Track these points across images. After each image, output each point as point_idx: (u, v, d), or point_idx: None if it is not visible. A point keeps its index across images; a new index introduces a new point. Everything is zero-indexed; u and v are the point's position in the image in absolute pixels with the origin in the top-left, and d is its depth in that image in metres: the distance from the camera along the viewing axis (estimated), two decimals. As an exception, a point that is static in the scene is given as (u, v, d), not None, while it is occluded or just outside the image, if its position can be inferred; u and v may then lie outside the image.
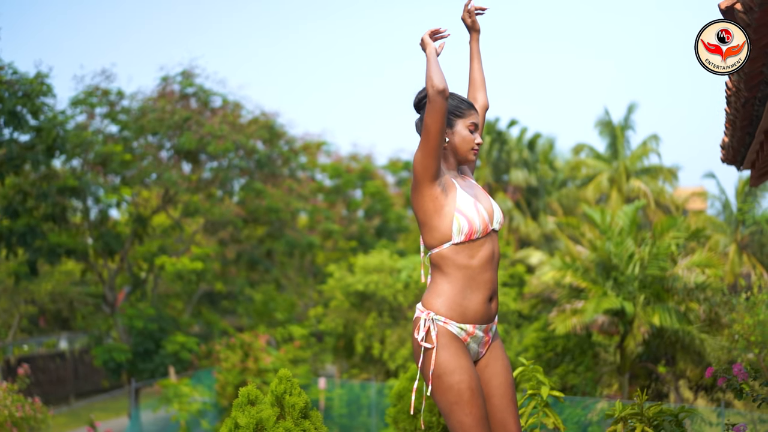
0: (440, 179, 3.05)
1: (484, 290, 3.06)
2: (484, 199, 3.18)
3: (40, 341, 27.13)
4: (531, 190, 26.38)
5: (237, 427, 3.59)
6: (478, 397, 2.99)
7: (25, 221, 14.04)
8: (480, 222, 3.04)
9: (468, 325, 3.04)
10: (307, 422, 3.64)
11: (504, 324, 15.92)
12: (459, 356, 3.01)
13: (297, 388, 3.74)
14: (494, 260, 3.11)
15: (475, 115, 3.22)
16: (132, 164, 15.34)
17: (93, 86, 15.41)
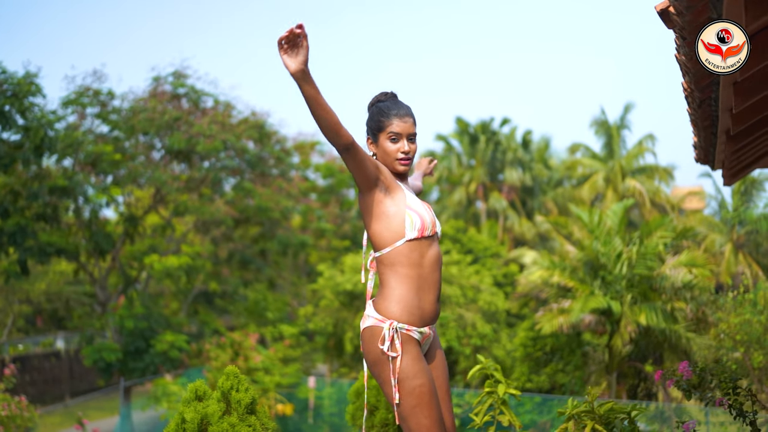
0: (380, 185, 3.10)
1: (435, 290, 3.13)
2: (426, 205, 3.28)
3: (37, 341, 27.18)
4: (526, 190, 26.42)
5: (184, 422, 3.65)
6: (435, 399, 3.08)
7: (15, 220, 14.12)
8: (429, 219, 3.13)
9: (425, 327, 3.13)
10: (253, 418, 3.69)
11: (493, 324, 15.97)
12: (419, 360, 3.07)
13: (244, 384, 3.79)
14: (439, 263, 3.19)
15: (396, 123, 3.18)
16: (122, 164, 15.42)
17: (84, 87, 15.48)
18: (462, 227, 21.72)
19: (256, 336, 15.67)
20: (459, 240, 20.60)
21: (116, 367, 15.52)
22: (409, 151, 3.19)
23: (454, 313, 15.55)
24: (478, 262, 20.14)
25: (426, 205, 3.26)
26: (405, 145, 3.18)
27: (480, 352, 15.49)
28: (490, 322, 16.02)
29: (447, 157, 26.77)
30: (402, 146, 3.18)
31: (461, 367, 15.48)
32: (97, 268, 16.53)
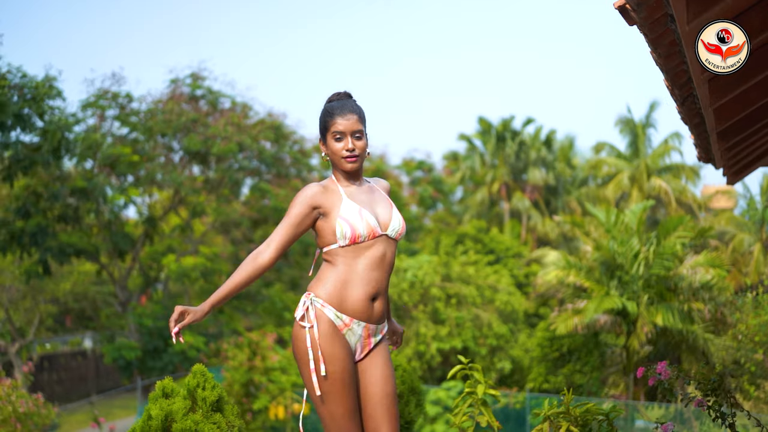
0: (320, 215, 3.20)
1: (368, 287, 3.16)
2: (380, 208, 3.27)
3: (65, 340, 27.60)
4: (549, 189, 26.25)
5: (150, 418, 3.70)
6: (350, 388, 3.12)
7: (36, 221, 14.37)
8: (364, 227, 3.15)
9: (345, 315, 3.15)
10: (218, 416, 3.72)
11: (510, 324, 15.91)
12: (334, 345, 3.12)
13: (211, 382, 3.83)
14: (384, 262, 3.21)
15: (339, 121, 3.22)
16: (139, 165, 15.62)
17: (103, 89, 15.71)
18: (484, 227, 21.65)
19: (273, 336, 15.75)
20: (481, 240, 20.53)
21: (135, 365, 15.72)
22: (353, 148, 3.21)
23: (470, 313, 15.52)
24: (500, 262, 20.06)
25: (377, 206, 3.26)
26: (349, 143, 3.21)
27: (496, 352, 15.45)
28: (507, 322, 15.95)
29: (470, 156, 26.68)
30: (346, 144, 3.21)
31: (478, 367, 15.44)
32: (117, 268, 16.76)
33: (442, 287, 15.78)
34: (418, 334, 15.29)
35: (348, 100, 3.33)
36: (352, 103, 3.31)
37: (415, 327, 15.38)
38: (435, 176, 23.30)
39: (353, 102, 3.33)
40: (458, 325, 15.41)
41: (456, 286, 15.79)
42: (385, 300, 3.24)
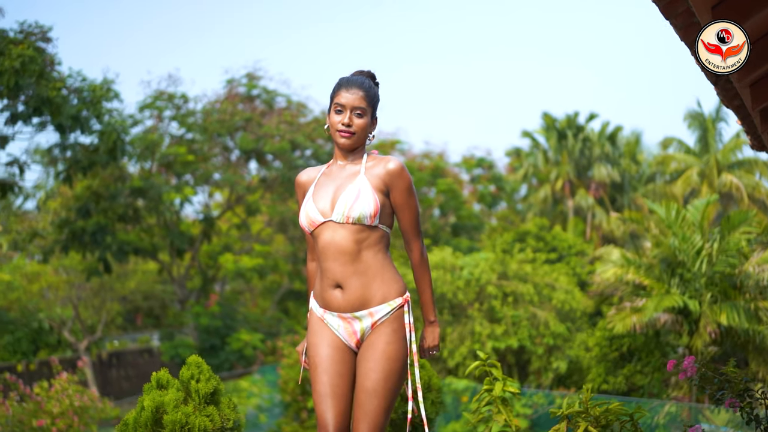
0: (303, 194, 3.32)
1: (327, 278, 3.19)
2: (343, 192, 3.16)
3: (134, 338, 28.27)
4: (615, 186, 25.63)
5: (143, 409, 3.66)
6: (323, 374, 3.17)
7: (96, 221, 14.73)
8: (304, 217, 3.23)
9: (321, 308, 3.24)
10: (212, 408, 3.65)
11: (567, 323, 15.52)
12: (314, 333, 3.24)
13: (206, 374, 3.76)
14: (334, 250, 3.15)
15: (342, 94, 3.19)
16: (194, 165, 15.84)
17: (159, 91, 16.00)
18: (546, 225, 21.24)
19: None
20: (543, 238, 20.15)
21: (193, 363, 15.91)
22: (350, 124, 3.17)
23: (527, 311, 15.21)
24: (562, 260, 19.65)
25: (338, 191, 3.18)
26: (346, 117, 3.16)
27: (553, 351, 15.09)
28: (566, 321, 15.57)
29: (533, 153, 26.26)
30: (343, 118, 3.17)
31: (534, 367, 15.10)
32: (176, 267, 17.04)
33: (498, 285, 15.50)
34: (473, 332, 15.05)
35: (362, 78, 3.26)
36: (363, 81, 3.24)
37: (471, 325, 15.14)
38: (495, 174, 22.97)
39: (367, 81, 3.25)
40: (514, 323, 15.11)
41: (513, 284, 15.49)
42: (357, 288, 3.13)
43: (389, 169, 3.20)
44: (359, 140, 3.20)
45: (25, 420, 11.20)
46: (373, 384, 3.13)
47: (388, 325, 3.15)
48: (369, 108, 3.19)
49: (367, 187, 3.14)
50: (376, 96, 3.27)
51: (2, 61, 10.50)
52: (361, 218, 3.09)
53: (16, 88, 10.94)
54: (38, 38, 11.68)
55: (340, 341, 3.19)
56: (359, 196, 3.11)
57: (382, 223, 3.17)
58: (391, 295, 3.16)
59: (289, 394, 15.23)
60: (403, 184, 3.20)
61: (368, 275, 3.14)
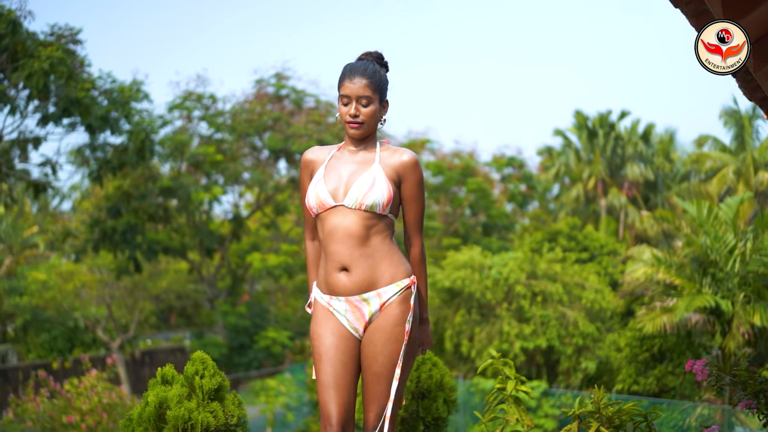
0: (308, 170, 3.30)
1: (332, 261, 3.15)
2: (358, 179, 3.15)
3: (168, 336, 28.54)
4: (648, 185, 25.30)
5: (147, 404, 3.67)
6: (327, 365, 3.13)
7: (126, 220, 14.91)
8: (313, 198, 3.18)
9: (326, 295, 3.20)
10: (215, 404, 3.65)
11: (597, 323, 15.34)
12: (318, 323, 3.20)
13: (211, 370, 3.76)
14: (341, 233, 3.14)
15: (346, 85, 3.17)
16: (223, 165, 15.96)
17: (188, 91, 16.15)
18: (578, 224, 21.03)
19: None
20: (574, 237, 19.95)
21: (222, 362, 16.05)
22: (357, 114, 3.15)
23: (555, 311, 15.06)
24: (594, 259, 19.44)
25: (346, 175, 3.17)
26: (352, 108, 3.15)
27: (582, 352, 14.93)
28: (596, 321, 15.39)
29: (564, 152, 26.01)
30: (350, 109, 3.16)
31: (563, 367, 14.95)
32: (206, 266, 17.18)
33: (527, 285, 15.38)
34: (502, 332, 14.95)
35: (366, 63, 3.22)
36: (367, 67, 3.20)
37: (499, 325, 15.04)
38: (526, 173, 22.80)
39: (371, 66, 3.21)
40: (543, 323, 14.98)
41: (542, 283, 15.36)
42: (365, 270, 3.11)
43: (404, 160, 3.19)
44: (369, 128, 3.19)
45: (55, 416, 11.37)
46: (381, 367, 3.12)
47: (396, 306, 3.13)
48: (376, 94, 3.16)
49: (381, 175, 3.14)
50: (382, 80, 3.22)
51: (32, 63, 10.66)
52: (374, 206, 3.10)
53: (45, 90, 11.11)
54: (68, 40, 11.84)
55: (345, 330, 3.16)
56: (374, 184, 3.11)
57: (391, 212, 3.18)
58: (399, 276, 3.15)
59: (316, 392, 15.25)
60: (416, 177, 3.20)
61: (375, 258, 3.13)
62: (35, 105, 12.25)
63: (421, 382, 4.71)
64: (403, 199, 3.21)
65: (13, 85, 11.64)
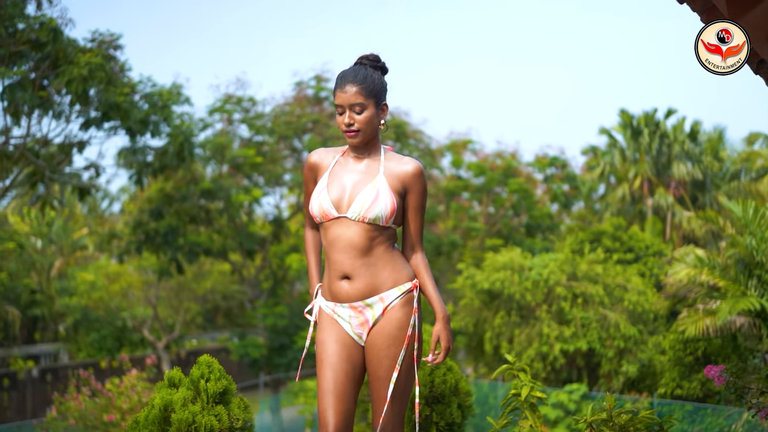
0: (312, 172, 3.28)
1: (334, 270, 3.16)
2: (361, 189, 3.14)
3: (214, 337, 28.92)
4: (696, 184, 24.78)
5: (152, 407, 3.71)
6: (328, 370, 3.14)
7: (168, 222, 15.15)
8: (317, 208, 3.17)
9: (331, 302, 3.20)
10: (220, 407, 3.67)
11: (639, 325, 15.07)
12: (322, 330, 3.22)
13: (217, 374, 3.79)
14: (344, 244, 3.14)
15: (338, 94, 3.15)
16: (262, 167, 16.10)
17: (227, 94, 16.33)
18: (623, 225, 20.69)
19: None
20: (619, 238, 19.64)
21: (262, 362, 16.18)
22: (351, 122, 3.13)
23: (596, 313, 14.83)
24: (639, 260, 19.11)
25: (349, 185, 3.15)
26: (347, 117, 3.13)
27: (624, 354, 14.67)
28: (638, 323, 15.12)
29: (609, 152, 25.62)
30: (344, 118, 3.14)
31: (604, 370, 14.72)
32: (245, 268, 17.35)
33: (567, 286, 15.18)
34: (541, 334, 14.78)
35: (357, 69, 3.18)
36: (357, 73, 3.15)
37: (539, 327, 14.87)
38: (569, 173, 22.52)
39: (362, 71, 3.16)
40: (584, 325, 14.77)
41: (582, 284, 15.14)
42: (367, 277, 3.12)
43: (409, 170, 3.17)
44: (367, 135, 3.16)
45: (96, 415, 11.59)
46: (386, 371, 3.13)
47: (399, 310, 3.13)
48: (369, 99, 3.12)
49: (385, 187, 3.12)
50: (375, 83, 3.16)
51: (71, 69, 10.90)
52: (377, 219, 3.10)
53: (84, 95, 11.35)
54: (108, 46, 12.07)
55: (348, 338, 3.17)
56: (378, 197, 3.10)
57: (394, 223, 3.18)
58: (401, 280, 3.15)
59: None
60: (420, 187, 3.19)
61: (378, 266, 3.13)
62: (78, 110, 12.52)
63: (435, 386, 4.68)
64: (407, 209, 3.20)
65: (56, 91, 11.91)
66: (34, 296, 22.99)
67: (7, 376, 18.91)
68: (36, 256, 23.38)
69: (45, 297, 23.05)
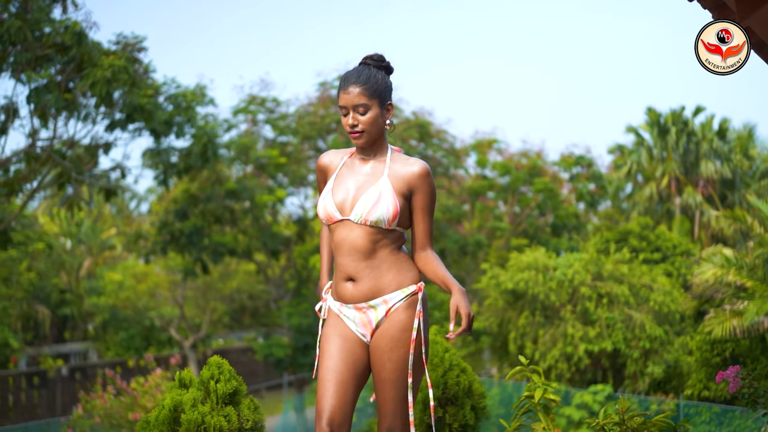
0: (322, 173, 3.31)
1: (340, 271, 3.19)
2: (364, 191, 3.13)
3: (240, 336, 29.09)
4: (725, 183, 24.46)
5: (162, 408, 3.74)
6: (328, 360, 3.15)
7: (192, 223, 15.28)
8: (322, 210, 3.20)
9: (337, 302, 3.22)
10: (230, 408, 3.68)
11: (665, 326, 14.91)
12: (329, 325, 3.24)
13: (227, 375, 3.80)
14: (348, 246, 3.15)
15: (341, 95, 3.15)
16: (286, 167, 16.17)
17: (251, 95, 16.42)
18: (650, 224, 20.49)
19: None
20: (646, 237, 19.45)
21: (287, 362, 16.25)
22: (355, 124, 3.11)
23: (622, 313, 14.70)
24: (666, 260, 18.91)
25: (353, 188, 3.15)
26: (350, 118, 3.12)
27: (650, 355, 14.52)
28: (664, 324, 14.96)
29: (636, 150, 25.38)
30: (348, 119, 3.14)
31: (629, 371, 14.58)
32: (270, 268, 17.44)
33: (592, 286, 15.06)
34: (566, 334, 14.68)
35: (360, 69, 3.17)
36: (360, 73, 3.14)
37: (563, 327, 14.78)
38: (595, 171, 22.34)
39: (365, 72, 3.15)
40: (609, 326, 14.64)
41: (607, 284, 15.01)
42: (370, 279, 3.12)
43: (414, 171, 3.13)
44: (371, 135, 3.13)
45: (121, 413, 11.73)
46: (389, 374, 3.11)
47: (402, 312, 3.11)
48: (373, 99, 3.10)
49: (388, 190, 3.10)
50: (379, 84, 3.14)
51: (95, 71, 11.03)
52: (378, 222, 3.08)
53: (108, 97, 11.48)
54: (133, 48, 12.19)
55: (353, 334, 3.17)
56: (379, 200, 3.08)
57: (400, 225, 3.15)
58: (406, 283, 3.13)
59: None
60: (427, 188, 3.14)
61: (382, 269, 3.12)
62: (103, 112, 12.67)
63: (448, 388, 4.66)
64: (413, 211, 3.16)
65: (81, 93, 12.06)
66: (63, 296, 23.31)
67: (38, 374, 19.20)
68: (65, 256, 23.70)
69: (74, 296, 23.36)
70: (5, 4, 11.16)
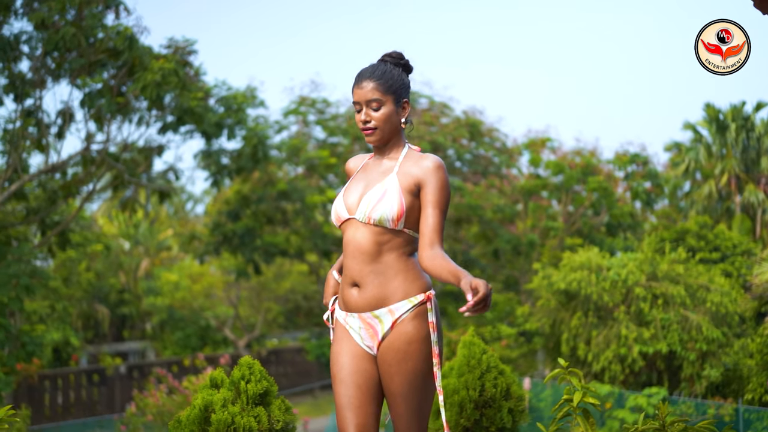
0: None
1: (346, 276, 3.09)
2: (371, 189, 3.03)
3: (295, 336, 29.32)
4: (789, 181, 23.72)
5: (194, 408, 3.76)
6: (341, 385, 3.09)
7: (244, 223, 15.46)
8: (332, 212, 3.16)
9: (343, 311, 3.13)
10: (260, 409, 3.68)
11: (723, 327, 14.49)
12: (336, 341, 3.15)
13: (257, 375, 3.80)
14: (353, 248, 3.04)
15: (355, 91, 3.07)
16: (336, 168, 16.24)
17: (302, 97, 16.53)
18: (708, 223, 19.97)
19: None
20: (704, 237, 18.96)
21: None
22: (368, 120, 3.03)
23: (677, 314, 14.35)
24: (725, 260, 18.41)
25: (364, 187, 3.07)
26: (363, 114, 3.05)
27: (707, 358, 14.14)
28: (721, 325, 14.54)
29: (694, 147, 24.77)
30: (361, 116, 3.06)
31: (686, 374, 14.21)
32: (322, 268, 17.52)
33: (647, 287, 14.73)
34: (619, 336, 14.38)
35: (375, 65, 3.10)
36: (375, 69, 3.07)
37: (617, 329, 14.48)
38: (650, 170, 21.86)
39: (381, 67, 3.07)
40: (664, 327, 14.29)
41: (663, 285, 14.66)
42: (375, 286, 2.98)
43: (424, 166, 2.99)
44: (385, 133, 3.05)
45: (173, 411, 11.91)
46: (399, 387, 3.00)
47: (409, 323, 2.96)
48: (387, 95, 3.02)
49: (394, 187, 2.98)
50: (394, 79, 3.05)
51: (145, 75, 11.23)
52: (382, 220, 2.96)
53: (159, 100, 11.68)
54: (183, 52, 12.38)
55: (360, 350, 3.06)
56: (383, 197, 2.97)
57: (409, 227, 3.01)
58: (413, 292, 2.97)
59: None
60: (437, 181, 2.97)
61: (387, 275, 2.98)
62: (155, 115, 12.90)
63: (485, 390, 4.59)
64: (422, 206, 2.98)
65: (133, 97, 12.30)
66: (122, 296, 23.83)
67: (97, 372, 19.66)
68: (123, 257, 24.21)
69: (132, 296, 23.86)
70: (62, 12, 11.43)
